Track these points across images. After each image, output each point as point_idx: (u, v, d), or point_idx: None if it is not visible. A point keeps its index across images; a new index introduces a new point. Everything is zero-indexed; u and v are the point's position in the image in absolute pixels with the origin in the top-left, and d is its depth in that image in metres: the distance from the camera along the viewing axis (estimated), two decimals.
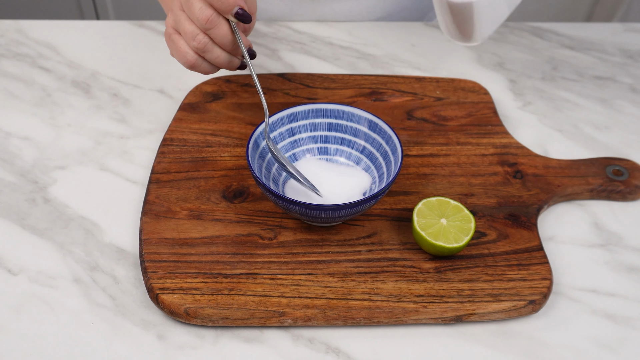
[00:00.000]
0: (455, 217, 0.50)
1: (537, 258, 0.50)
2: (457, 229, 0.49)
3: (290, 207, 0.47)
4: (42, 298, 0.48)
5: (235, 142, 0.60)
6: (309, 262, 0.49)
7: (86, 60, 0.72)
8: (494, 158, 0.59)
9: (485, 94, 0.67)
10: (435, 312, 0.47)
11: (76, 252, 0.51)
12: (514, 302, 0.47)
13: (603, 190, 0.57)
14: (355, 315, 0.46)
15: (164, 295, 0.46)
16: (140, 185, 0.57)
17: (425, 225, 0.49)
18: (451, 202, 0.51)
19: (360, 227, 0.53)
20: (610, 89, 0.71)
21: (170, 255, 0.49)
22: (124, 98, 0.67)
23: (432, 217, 0.50)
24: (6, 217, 0.54)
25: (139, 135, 0.62)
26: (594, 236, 0.55)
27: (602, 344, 0.47)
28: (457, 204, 0.50)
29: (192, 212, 0.53)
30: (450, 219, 0.50)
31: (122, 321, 0.47)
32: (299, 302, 0.47)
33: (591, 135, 0.65)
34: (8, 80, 0.69)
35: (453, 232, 0.49)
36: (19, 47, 0.73)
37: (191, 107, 0.63)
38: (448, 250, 0.48)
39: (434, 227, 0.49)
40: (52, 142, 0.61)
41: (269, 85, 0.67)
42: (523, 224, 0.53)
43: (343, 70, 0.72)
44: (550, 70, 0.74)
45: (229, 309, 0.46)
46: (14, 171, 0.58)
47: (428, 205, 0.51)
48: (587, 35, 0.80)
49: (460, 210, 0.50)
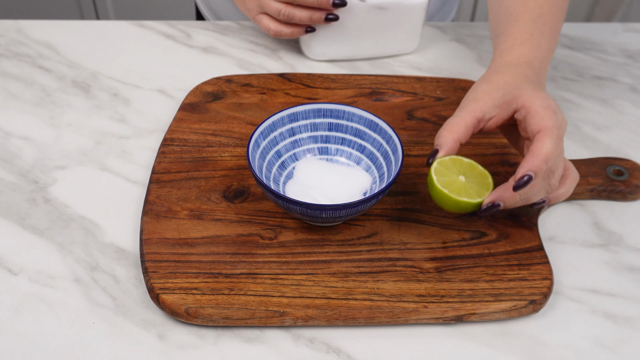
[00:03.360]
0: (472, 173, 0.49)
1: (537, 258, 0.50)
2: (478, 184, 0.48)
3: (291, 207, 0.47)
4: (42, 298, 0.48)
5: (235, 142, 0.60)
6: (310, 262, 0.49)
7: (86, 60, 0.72)
8: (494, 158, 0.59)
9: None
10: (436, 312, 0.47)
11: (76, 252, 0.51)
12: (515, 302, 0.47)
13: (603, 190, 0.57)
14: (356, 315, 0.46)
15: (164, 295, 0.46)
16: (141, 185, 0.57)
17: (446, 183, 0.48)
18: (464, 159, 0.49)
19: (361, 227, 0.53)
20: (610, 89, 0.71)
21: (171, 255, 0.49)
22: (124, 98, 0.67)
23: (450, 175, 0.48)
24: (6, 217, 0.54)
25: (139, 135, 0.62)
26: (594, 236, 0.55)
27: (602, 344, 0.47)
28: (470, 161, 0.49)
29: (192, 212, 0.53)
30: (467, 176, 0.49)
31: (123, 321, 0.47)
32: (300, 302, 0.47)
33: (591, 135, 0.65)
34: (8, 80, 0.69)
35: (474, 187, 0.48)
36: (19, 47, 0.73)
37: (191, 107, 0.63)
38: (472, 206, 0.48)
39: (454, 184, 0.48)
40: (52, 142, 0.61)
41: (269, 85, 0.67)
42: (524, 224, 0.53)
43: (343, 70, 0.72)
44: (550, 70, 0.74)
45: (230, 309, 0.46)
46: (14, 171, 0.58)
47: (443, 164, 0.49)
48: (587, 35, 0.80)
49: (475, 167, 0.49)
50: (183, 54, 0.73)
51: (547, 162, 0.45)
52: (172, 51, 0.74)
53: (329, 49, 0.72)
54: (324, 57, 0.73)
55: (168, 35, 0.76)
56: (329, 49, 0.72)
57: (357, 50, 0.72)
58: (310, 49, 0.72)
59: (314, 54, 0.73)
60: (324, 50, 0.72)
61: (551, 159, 0.46)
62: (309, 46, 0.72)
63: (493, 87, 0.50)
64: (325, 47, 0.71)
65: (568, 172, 0.51)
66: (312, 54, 0.73)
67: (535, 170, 0.45)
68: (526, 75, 0.51)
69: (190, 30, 0.77)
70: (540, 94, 0.49)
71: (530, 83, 0.50)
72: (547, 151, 0.45)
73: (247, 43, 0.76)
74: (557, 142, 0.46)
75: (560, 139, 0.47)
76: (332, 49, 0.72)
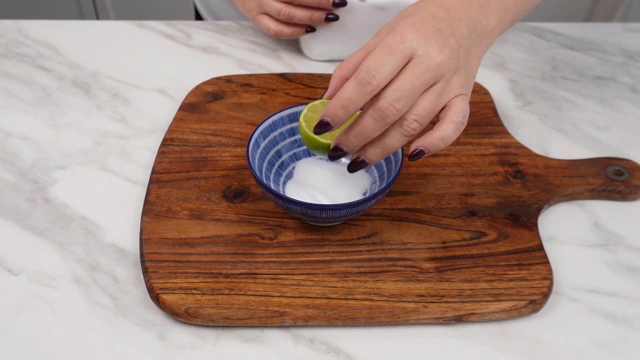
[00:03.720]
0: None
1: (537, 258, 0.50)
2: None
3: (291, 207, 0.47)
4: (42, 298, 0.48)
5: (235, 142, 0.60)
6: (310, 262, 0.49)
7: (86, 60, 0.72)
8: (494, 158, 0.59)
9: (486, 94, 0.67)
10: (436, 312, 0.47)
11: (76, 252, 0.51)
12: (515, 302, 0.47)
13: (603, 190, 0.57)
14: (356, 315, 0.46)
15: (164, 295, 0.46)
16: (141, 185, 0.57)
17: (311, 124, 0.46)
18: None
19: (361, 227, 0.53)
20: (610, 89, 0.71)
21: (171, 255, 0.49)
22: (124, 98, 0.67)
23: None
24: (6, 217, 0.54)
25: (139, 135, 0.62)
26: (594, 236, 0.55)
27: (602, 344, 0.47)
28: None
29: (192, 212, 0.53)
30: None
31: (123, 321, 0.47)
32: (300, 302, 0.47)
33: (591, 135, 0.65)
34: (8, 80, 0.69)
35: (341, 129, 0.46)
36: (19, 47, 0.73)
37: (191, 107, 0.63)
38: (323, 146, 0.46)
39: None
40: (52, 142, 0.61)
41: (269, 85, 0.67)
42: (523, 224, 0.53)
43: None
44: (550, 70, 0.74)
45: (230, 309, 0.46)
46: (14, 171, 0.58)
47: (313, 109, 0.48)
48: (587, 35, 0.80)
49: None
50: (183, 54, 0.73)
51: (355, 78, 0.40)
52: (172, 51, 0.74)
53: (329, 49, 0.72)
54: (323, 57, 0.73)
55: (168, 35, 0.76)
56: (329, 48, 0.72)
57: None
58: (310, 48, 0.72)
59: (314, 54, 0.73)
60: (324, 50, 0.72)
61: (363, 70, 0.40)
62: (309, 46, 0.72)
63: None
64: (325, 47, 0.71)
65: (446, 114, 0.43)
66: (312, 54, 0.73)
67: (332, 105, 0.41)
68: (420, 8, 0.45)
69: (190, 30, 0.77)
70: (401, 21, 0.43)
71: (412, 13, 0.44)
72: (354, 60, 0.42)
73: (247, 43, 0.76)
74: (379, 52, 0.40)
75: (388, 48, 0.41)
76: (332, 49, 0.72)
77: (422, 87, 0.41)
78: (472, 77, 0.45)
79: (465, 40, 0.44)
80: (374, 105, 0.41)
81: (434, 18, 0.43)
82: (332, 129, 0.43)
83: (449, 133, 0.43)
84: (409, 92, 0.41)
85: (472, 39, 0.45)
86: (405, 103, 0.41)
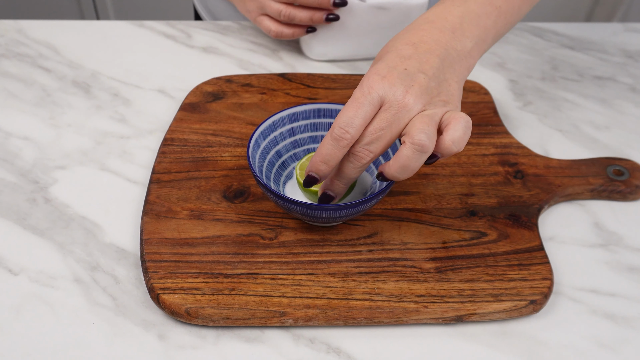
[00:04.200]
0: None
1: (537, 258, 0.50)
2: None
3: (291, 207, 0.47)
4: (42, 298, 0.48)
5: (235, 142, 0.60)
6: (310, 262, 0.49)
7: (86, 60, 0.72)
8: (494, 158, 0.59)
9: (486, 94, 0.67)
10: (436, 312, 0.47)
11: (77, 252, 0.51)
12: (515, 302, 0.47)
13: (604, 190, 0.57)
14: (356, 315, 0.46)
15: (164, 295, 0.46)
16: (141, 185, 0.57)
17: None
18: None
19: (361, 227, 0.53)
20: (610, 89, 0.71)
21: (171, 255, 0.49)
22: (124, 98, 0.67)
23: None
24: (7, 217, 0.54)
25: (139, 135, 0.62)
26: (594, 236, 0.55)
27: (602, 344, 0.47)
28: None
29: (192, 212, 0.53)
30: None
31: (123, 321, 0.47)
32: (300, 302, 0.47)
33: (591, 135, 0.65)
34: (8, 80, 0.69)
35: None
36: (19, 47, 0.73)
37: (192, 107, 0.63)
38: (315, 193, 0.50)
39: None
40: (52, 142, 0.61)
41: (269, 85, 0.67)
42: (524, 224, 0.53)
43: (343, 70, 0.72)
44: (550, 70, 0.74)
45: (230, 309, 0.46)
46: (14, 171, 0.58)
47: (310, 158, 0.51)
48: (587, 35, 0.80)
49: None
50: (183, 54, 0.73)
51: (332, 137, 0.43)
52: (172, 51, 0.74)
53: (329, 49, 0.72)
54: (324, 57, 0.73)
55: (168, 35, 0.76)
56: (329, 49, 0.72)
57: (358, 50, 0.72)
58: (310, 49, 0.72)
59: (314, 54, 0.73)
60: (324, 50, 0.72)
61: (336, 127, 0.43)
62: (309, 46, 0.72)
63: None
64: (325, 47, 0.71)
65: (450, 121, 0.44)
66: (313, 54, 0.73)
67: (314, 160, 0.45)
68: (389, 50, 0.47)
69: (191, 30, 0.77)
70: (370, 69, 0.45)
71: (381, 57, 0.46)
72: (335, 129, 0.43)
73: (247, 43, 0.76)
74: (349, 107, 0.43)
75: (356, 102, 0.43)
76: (333, 49, 0.72)
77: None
78: (453, 99, 0.46)
79: (436, 70, 0.45)
80: (351, 151, 0.45)
81: (401, 59, 0.45)
82: (319, 181, 0.46)
83: (459, 134, 0.44)
84: (381, 135, 0.44)
85: (446, 66, 0.46)
86: (378, 144, 0.44)
